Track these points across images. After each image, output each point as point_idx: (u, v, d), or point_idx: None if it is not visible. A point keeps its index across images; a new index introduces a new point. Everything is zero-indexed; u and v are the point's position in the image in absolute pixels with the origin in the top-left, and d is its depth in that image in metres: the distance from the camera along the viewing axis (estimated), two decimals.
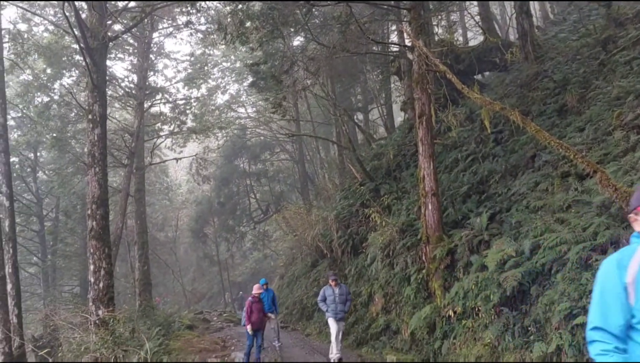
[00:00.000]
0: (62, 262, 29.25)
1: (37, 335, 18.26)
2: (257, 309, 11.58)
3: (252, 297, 11.76)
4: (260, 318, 11.57)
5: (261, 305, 11.76)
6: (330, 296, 10.83)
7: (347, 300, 10.98)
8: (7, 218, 14.56)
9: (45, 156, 29.84)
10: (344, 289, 11.06)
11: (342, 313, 10.77)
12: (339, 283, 11.07)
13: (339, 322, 10.66)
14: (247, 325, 11.39)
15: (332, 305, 10.71)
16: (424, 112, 11.13)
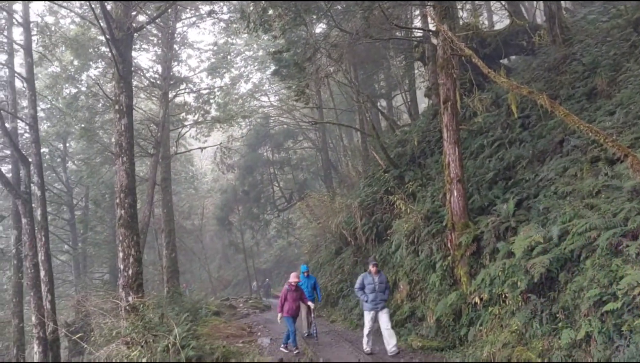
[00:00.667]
0: (92, 250, 29.99)
1: (70, 320, 18.80)
2: (292, 298, 11.29)
3: (288, 285, 11.47)
4: (295, 307, 11.30)
5: (297, 294, 11.40)
6: (370, 284, 10.07)
7: (387, 287, 10.30)
8: (39, 207, 14.99)
9: (74, 147, 30.50)
10: (383, 277, 10.34)
11: (383, 302, 10.05)
12: (379, 270, 10.39)
13: (380, 312, 9.96)
14: (279, 312, 11.25)
15: (371, 295, 9.97)
16: (448, 97, 10.99)
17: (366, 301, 10.01)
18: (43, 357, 13.47)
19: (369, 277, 10.12)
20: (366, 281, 10.11)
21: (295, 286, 11.47)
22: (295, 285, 11.51)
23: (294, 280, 11.56)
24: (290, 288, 11.38)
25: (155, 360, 9.03)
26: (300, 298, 11.55)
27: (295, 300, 11.31)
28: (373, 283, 10.01)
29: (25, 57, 16.46)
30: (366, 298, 10.00)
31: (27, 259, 14.34)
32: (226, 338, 13.19)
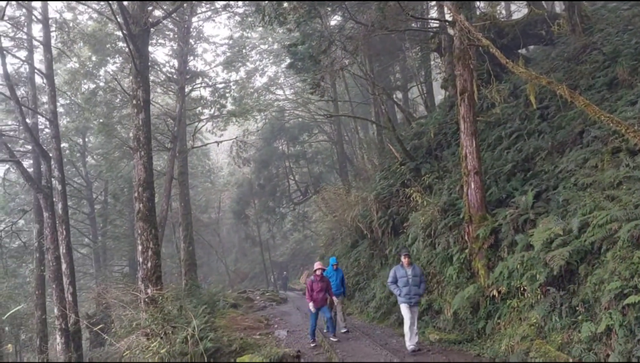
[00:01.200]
0: (112, 243, 30.43)
1: (91, 312, 19.15)
2: (317, 288, 11.08)
3: (313, 275, 11.34)
4: (322, 297, 11.11)
5: (323, 285, 11.14)
6: (403, 277, 9.53)
7: (422, 281, 9.68)
8: (60, 201, 15.23)
9: (93, 141, 30.89)
10: (418, 270, 9.76)
11: (417, 297, 9.53)
12: (412, 262, 9.85)
13: (412, 308, 9.48)
14: (308, 301, 11.18)
15: (405, 289, 9.43)
16: (465, 88, 10.89)
17: (399, 295, 9.55)
18: (65, 348, 13.74)
19: (401, 270, 9.62)
20: (398, 274, 9.60)
21: (320, 276, 11.22)
22: (321, 275, 11.25)
23: (318, 269, 11.31)
24: (315, 279, 11.18)
25: (174, 351, 9.16)
26: (326, 288, 11.26)
27: (320, 291, 11.07)
28: (406, 276, 9.51)
29: (44, 53, 16.68)
30: (399, 292, 9.53)
31: (49, 252, 14.61)
32: (243, 330, 13.32)
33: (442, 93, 26.32)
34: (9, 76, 14.56)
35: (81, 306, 17.50)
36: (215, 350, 10.10)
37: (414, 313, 9.49)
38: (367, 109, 30.78)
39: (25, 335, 19.95)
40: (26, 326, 19.19)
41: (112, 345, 12.19)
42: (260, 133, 38.60)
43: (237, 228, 46.77)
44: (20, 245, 21.08)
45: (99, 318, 17.66)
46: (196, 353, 9.38)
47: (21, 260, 22.45)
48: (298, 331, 13.11)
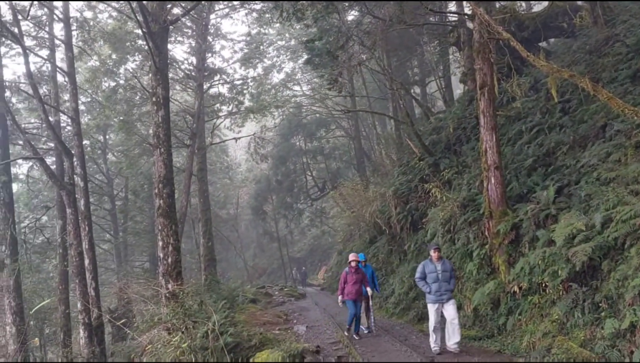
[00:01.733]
0: (133, 239, 30.89)
1: (113, 307, 19.46)
2: (352, 280, 10.64)
3: (347, 267, 10.94)
4: (357, 290, 10.64)
5: (358, 277, 10.71)
6: (432, 273, 8.81)
7: (452, 276, 8.98)
8: (82, 198, 15.50)
9: (113, 139, 31.34)
10: (448, 265, 9.00)
11: (448, 293, 8.76)
12: (442, 257, 9.12)
13: (446, 304, 8.70)
14: (339, 295, 10.89)
15: (434, 285, 8.72)
16: (485, 83, 10.77)
17: (429, 292, 8.83)
18: (88, 342, 14.00)
19: (430, 265, 8.91)
20: (427, 270, 8.91)
21: (355, 267, 10.82)
22: (356, 266, 10.85)
23: (353, 260, 10.92)
24: (350, 270, 10.79)
25: (195, 346, 9.27)
26: (361, 280, 10.81)
27: (356, 283, 10.65)
28: (435, 271, 8.80)
29: (66, 51, 16.95)
30: (429, 289, 8.81)
31: (72, 248, 14.88)
32: (263, 325, 13.40)
33: (460, 88, 26.07)
34: (31, 74, 14.82)
35: (103, 301, 17.78)
36: (235, 344, 10.17)
37: (451, 308, 8.69)
38: (384, 105, 30.67)
39: (49, 329, 20.36)
40: (50, 320, 19.59)
41: (134, 340, 12.37)
42: (277, 129, 38.72)
43: (255, 223, 47.06)
44: (43, 241, 21.50)
45: (121, 313, 17.92)
46: (217, 347, 9.47)
47: (45, 255, 22.89)
48: (317, 326, 13.14)
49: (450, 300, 8.71)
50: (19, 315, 15.59)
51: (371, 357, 9.01)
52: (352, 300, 10.68)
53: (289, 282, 35.77)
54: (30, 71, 14.54)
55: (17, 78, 22.36)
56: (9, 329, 15.49)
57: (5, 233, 15.74)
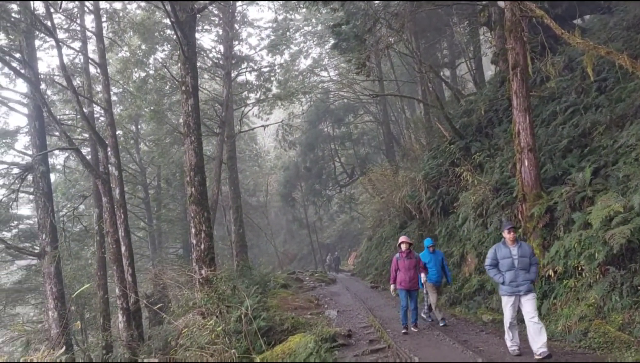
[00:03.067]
0: (166, 226, 31.54)
1: (149, 292, 19.97)
2: (405, 267, 9.60)
3: (398, 252, 9.91)
4: (411, 277, 9.54)
5: (411, 262, 9.60)
6: (506, 259, 7.28)
7: (532, 263, 7.31)
8: (117, 187, 15.85)
9: (145, 128, 31.90)
10: (527, 249, 7.38)
11: (527, 284, 7.14)
12: (518, 239, 7.49)
13: (523, 297, 7.14)
14: (391, 284, 9.97)
15: (509, 274, 7.18)
16: (518, 62, 10.50)
17: (502, 283, 7.33)
18: (127, 326, 14.41)
19: (503, 249, 7.39)
20: (500, 255, 7.40)
21: (407, 252, 9.72)
22: (408, 251, 9.73)
23: (404, 244, 9.78)
24: (401, 256, 9.74)
25: (229, 330, 9.46)
26: (415, 266, 9.70)
27: (409, 269, 9.56)
28: (510, 256, 7.27)
29: (97, 43, 17.24)
30: (502, 279, 7.31)
31: (109, 235, 15.28)
32: (294, 309, 13.54)
33: (492, 69, 25.52)
34: (65, 66, 15.13)
35: (140, 287, 18.26)
36: (268, 328, 10.35)
37: (529, 304, 7.13)
38: (413, 88, 30.27)
39: (89, 314, 21.05)
40: (90, 305, 20.24)
41: (170, 324, 12.69)
42: (305, 116, 38.70)
43: (285, 210, 47.39)
44: (81, 229, 22.18)
45: (157, 298, 18.40)
46: (250, 331, 9.65)
47: (83, 243, 23.63)
48: (348, 311, 13.21)
49: (528, 294, 7.14)
50: (60, 300, 16.15)
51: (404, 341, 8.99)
52: (404, 290, 9.61)
53: (319, 268, 35.96)
54: (63, 63, 14.84)
55: (51, 71, 22.95)
56: (52, 314, 16.08)
57: (45, 221, 16.28)
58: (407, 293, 9.62)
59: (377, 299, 15.53)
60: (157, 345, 13.14)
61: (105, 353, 14.95)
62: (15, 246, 18.37)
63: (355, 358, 8.13)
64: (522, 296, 7.15)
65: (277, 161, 50.37)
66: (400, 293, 9.75)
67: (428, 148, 21.06)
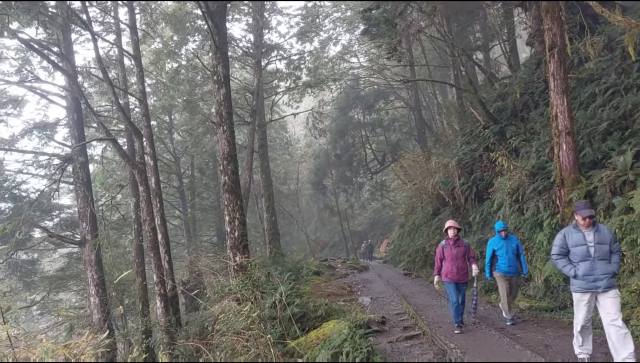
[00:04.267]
0: (200, 214, 32.10)
1: (185, 279, 20.43)
2: (452, 256, 8.50)
3: (445, 240, 8.79)
4: (459, 268, 8.45)
5: (459, 251, 8.51)
6: (580, 246, 5.76)
7: (614, 252, 5.71)
8: (152, 176, 16.22)
9: (178, 118, 32.40)
10: (607, 234, 5.73)
11: (607, 278, 5.60)
12: (596, 222, 5.84)
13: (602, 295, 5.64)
14: (435, 274, 8.83)
15: (583, 265, 5.70)
16: (555, 43, 10.19)
17: (574, 276, 5.82)
18: (165, 312, 14.81)
19: (575, 234, 5.84)
20: (571, 241, 5.86)
21: (454, 239, 8.60)
22: (455, 238, 8.62)
23: (451, 229, 8.63)
24: (448, 243, 8.65)
25: (264, 315, 9.60)
26: (464, 255, 8.61)
27: (456, 258, 8.49)
28: (584, 243, 5.74)
29: (131, 35, 17.55)
30: (574, 272, 5.80)
31: (146, 223, 15.66)
32: (328, 296, 13.62)
33: (526, 51, 24.85)
34: (101, 59, 15.48)
35: (176, 274, 18.68)
36: (302, 315, 10.44)
37: (610, 302, 5.61)
38: (445, 73, 29.78)
39: (128, 300, 21.70)
40: (129, 292, 20.86)
41: (206, 310, 12.97)
42: (335, 103, 38.58)
43: (316, 198, 47.57)
44: (119, 218, 22.80)
45: (192, 285, 18.80)
46: (284, 317, 9.77)
47: (121, 231, 24.29)
48: (381, 298, 13.23)
49: (609, 290, 5.63)
50: (101, 287, 16.71)
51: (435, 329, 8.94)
52: (452, 282, 8.48)
53: (351, 255, 36.03)
54: (99, 56, 15.16)
55: (88, 63, 23.50)
56: (93, 300, 16.66)
57: (85, 210, 16.81)
58: (454, 285, 8.49)
59: (410, 286, 15.49)
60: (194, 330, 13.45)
61: (144, 338, 15.39)
62: (58, 234, 19.04)
63: (390, 344, 8.15)
64: (599, 293, 5.67)
65: (307, 149, 50.50)
66: (448, 287, 8.63)
67: (461, 133, 20.72)
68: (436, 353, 7.33)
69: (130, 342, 17.49)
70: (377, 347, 7.74)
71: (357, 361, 6.94)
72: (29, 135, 22.70)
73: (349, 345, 7.50)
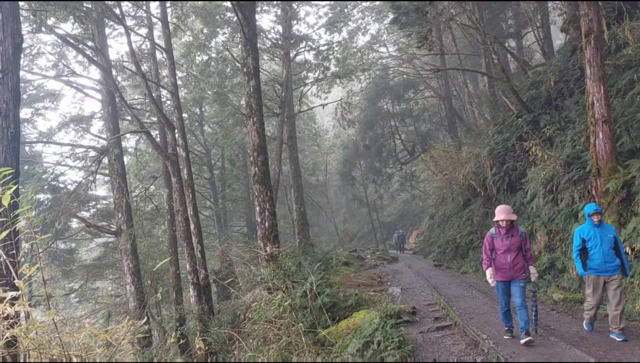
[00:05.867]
0: (231, 205, 32.53)
1: (216, 269, 20.77)
2: (502, 247, 6.94)
3: (495, 228, 7.17)
4: (513, 263, 6.84)
5: (514, 241, 6.88)
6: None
7: None
8: (184, 167, 16.52)
9: (208, 111, 32.82)
10: None
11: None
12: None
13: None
14: (486, 267, 7.22)
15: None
16: (591, 29, 9.91)
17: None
18: (197, 300, 15.14)
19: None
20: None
21: (507, 228, 6.97)
22: (508, 226, 6.98)
23: (504, 217, 6.94)
24: (498, 231, 7.06)
25: (295, 305, 9.72)
26: (518, 249, 6.92)
27: (509, 251, 6.88)
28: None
29: (162, 29, 17.84)
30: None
31: (179, 214, 15.99)
32: (357, 287, 13.66)
33: (561, 37, 24.23)
34: (134, 52, 15.80)
35: (208, 264, 19.02)
36: (332, 304, 10.53)
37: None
38: (477, 61, 29.26)
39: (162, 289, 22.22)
40: (163, 280, 21.36)
41: (237, 298, 13.21)
42: (364, 93, 38.37)
43: (344, 189, 47.56)
44: (153, 208, 23.32)
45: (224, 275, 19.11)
46: (315, 307, 9.87)
47: (155, 221, 24.84)
48: (412, 288, 13.20)
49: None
50: (136, 276, 17.17)
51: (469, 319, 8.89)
52: (501, 282, 7.04)
53: (380, 246, 35.95)
54: (132, 49, 15.48)
55: (121, 57, 24.02)
56: (129, 288, 17.15)
57: (120, 201, 17.26)
58: (505, 286, 7.02)
59: (440, 277, 15.41)
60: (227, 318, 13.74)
61: (178, 326, 15.78)
62: (95, 224, 19.63)
63: (421, 335, 8.15)
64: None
65: (335, 140, 50.45)
66: (497, 287, 7.14)
67: (493, 122, 20.38)
68: (468, 344, 7.30)
69: (164, 329, 17.95)
70: (408, 337, 7.76)
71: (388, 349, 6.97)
72: (66, 128, 23.42)
73: (380, 334, 7.54)
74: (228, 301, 15.44)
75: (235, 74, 25.24)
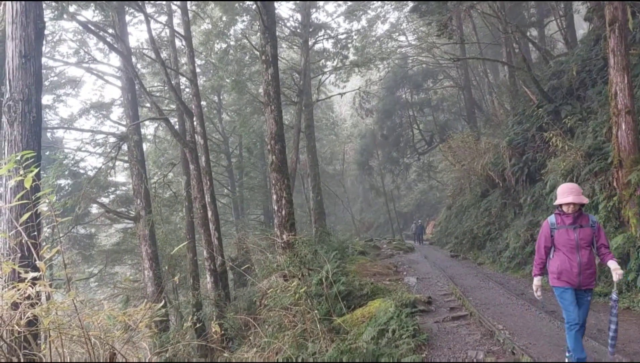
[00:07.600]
0: (248, 193, 32.73)
1: (233, 256, 20.97)
2: (569, 243, 4.96)
3: (554, 215, 5.12)
4: (584, 265, 4.89)
5: (585, 234, 4.92)
6: None
7: None
8: (202, 155, 16.66)
9: (226, 99, 32.92)
10: None
11: None
12: None
13: None
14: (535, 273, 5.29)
15: None
16: (616, 18, 9.68)
17: None
18: (214, 286, 15.33)
19: None
20: None
21: (574, 215, 4.96)
22: (576, 214, 4.97)
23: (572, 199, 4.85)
24: (561, 221, 5.05)
25: (311, 292, 9.79)
26: (591, 243, 4.97)
27: (577, 248, 4.94)
28: None
29: (182, 16, 17.90)
30: None
31: (196, 201, 16.15)
32: (373, 276, 13.69)
33: (584, 27, 23.73)
34: (154, 40, 15.90)
35: (225, 251, 19.20)
36: (347, 293, 10.57)
37: None
38: (497, 50, 28.80)
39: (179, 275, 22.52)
40: (180, 266, 21.64)
41: (254, 285, 13.34)
42: (382, 82, 38.09)
43: (361, 178, 47.49)
44: (171, 195, 23.59)
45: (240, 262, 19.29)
46: (330, 295, 9.93)
47: (172, 208, 25.13)
48: (427, 278, 13.18)
49: None
50: (154, 261, 17.42)
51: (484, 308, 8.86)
52: (569, 289, 5.00)
53: (397, 236, 35.88)
54: (152, 37, 15.59)
55: (140, 45, 24.19)
56: (147, 273, 17.41)
57: (139, 187, 17.48)
58: (575, 295, 5.00)
59: (457, 268, 15.36)
60: (243, 304, 13.90)
61: (195, 311, 16.00)
62: (114, 210, 19.93)
63: (436, 324, 8.15)
64: None
65: (353, 129, 50.28)
66: (562, 295, 5.05)
67: (513, 112, 20.11)
68: (484, 335, 7.29)
69: (181, 314, 18.21)
70: (423, 326, 7.78)
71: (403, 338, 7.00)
72: (87, 114, 23.75)
73: (395, 323, 7.57)
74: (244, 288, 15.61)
75: (253, 62, 25.25)
